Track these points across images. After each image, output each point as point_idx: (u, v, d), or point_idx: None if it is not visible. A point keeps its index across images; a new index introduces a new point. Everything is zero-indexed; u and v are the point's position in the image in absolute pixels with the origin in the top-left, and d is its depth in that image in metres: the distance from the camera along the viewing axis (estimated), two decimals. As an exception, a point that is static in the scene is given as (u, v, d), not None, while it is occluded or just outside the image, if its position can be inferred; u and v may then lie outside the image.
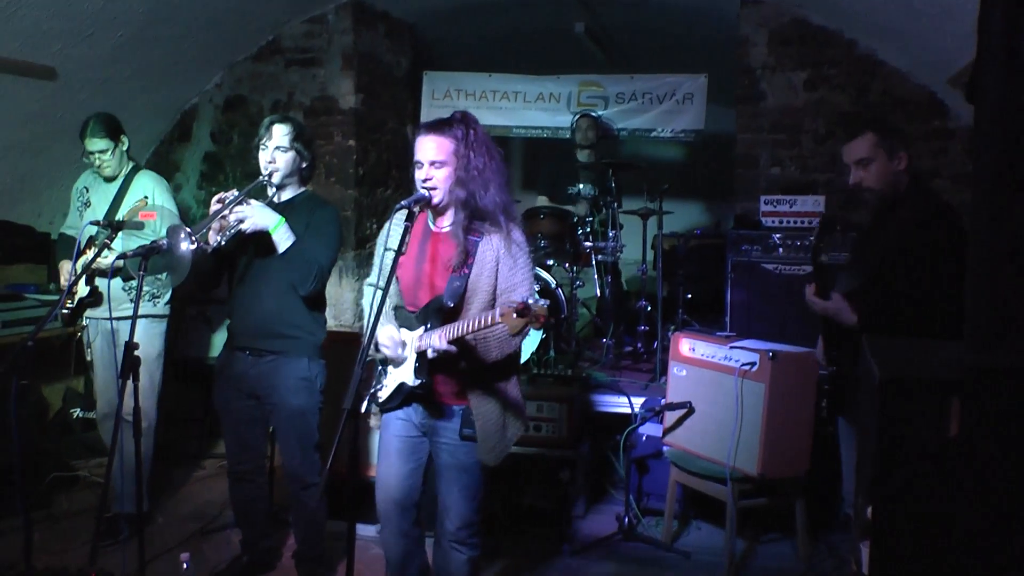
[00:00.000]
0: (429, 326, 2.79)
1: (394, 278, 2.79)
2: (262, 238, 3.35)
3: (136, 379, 2.94)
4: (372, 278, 3.13)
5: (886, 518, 1.83)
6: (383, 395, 2.96)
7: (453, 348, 2.68)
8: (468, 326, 2.63)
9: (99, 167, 4.20)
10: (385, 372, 2.99)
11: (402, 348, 2.87)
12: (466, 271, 2.81)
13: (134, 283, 4.17)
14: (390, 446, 3.01)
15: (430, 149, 2.79)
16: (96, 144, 4.14)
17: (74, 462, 5.13)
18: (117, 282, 4.13)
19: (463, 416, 2.88)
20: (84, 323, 4.35)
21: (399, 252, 2.71)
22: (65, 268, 4.29)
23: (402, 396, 2.93)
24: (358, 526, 2.65)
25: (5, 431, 2.79)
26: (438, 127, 2.83)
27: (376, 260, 3.11)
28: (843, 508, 3.61)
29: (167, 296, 4.37)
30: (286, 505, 3.97)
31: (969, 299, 1.69)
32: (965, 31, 4.30)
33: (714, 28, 6.60)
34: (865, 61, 5.59)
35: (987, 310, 1.66)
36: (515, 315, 2.41)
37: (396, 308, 3.00)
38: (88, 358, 4.43)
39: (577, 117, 6.55)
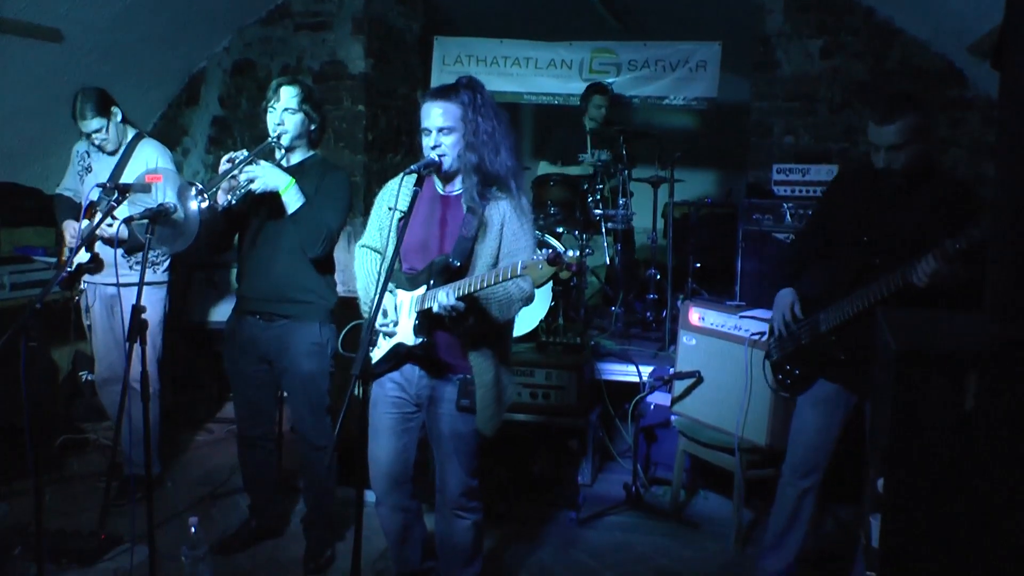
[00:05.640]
0: (432, 283, 2.78)
1: (393, 240, 2.77)
2: (272, 201, 3.33)
3: (144, 343, 2.92)
4: (366, 239, 3.11)
5: (898, 491, 1.81)
6: (375, 357, 2.94)
7: (461, 305, 2.67)
8: (479, 282, 2.62)
9: (99, 146, 4.14)
10: (376, 335, 2.97)
11: (393, 312, 2.87)
12: (474, 233, 2.80)
13: (137, 255, 4.16)
14: (381, 423, 3.00)
15: (438, 116, 2.77)
16: (90, 124, 4.05)
17: (83, 425, 5.16)
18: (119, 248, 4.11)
19: (460, 387, 2.89)
20: (82, 287, 4.33)
21: (407, 215, 2.70)
22: (68, 228, 4.26)
23: (398, 358, 2.92)
24: (367, 492, 2.64)
25: (15, 393, 2.78)
26: (444, 93, 2.80)
27: (372, 220, 3.09)
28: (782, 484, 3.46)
29: (166, 263, 4.35)
30: (295, 471, 3.98)
31: (991, 270, 1.66)
32: (987, -2, 4.23)
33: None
34: (883, 29, 5.50)
35: (1009, 282, 1.63)
36: (544, 264, 2.39)
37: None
38: (87, 323, 4.41)
39: (594, 93, 6.40)
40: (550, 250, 2.40)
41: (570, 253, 2.41)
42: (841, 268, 3.15)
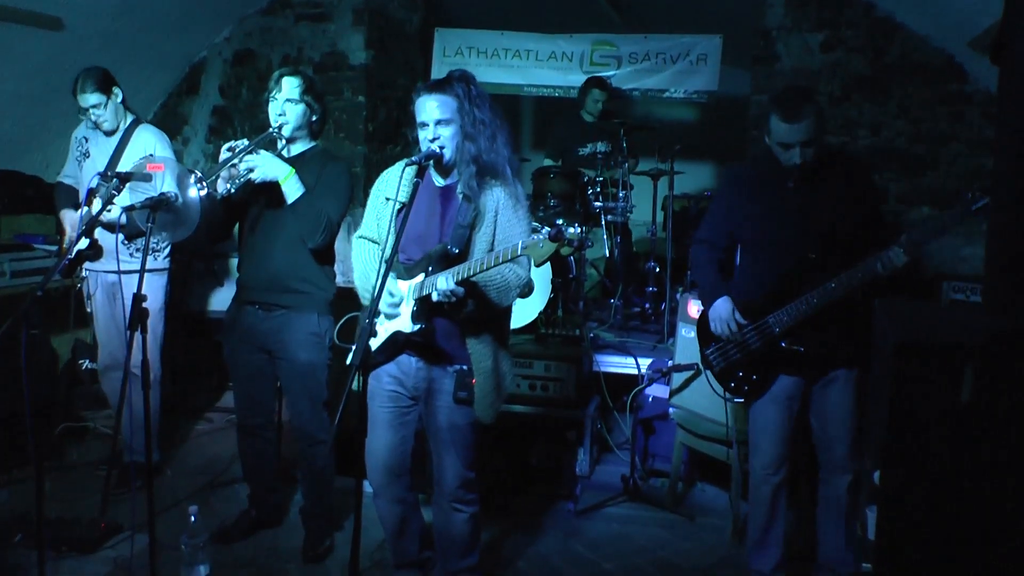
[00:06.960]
0: (431, 271, 2.80)
1: (393, 230, 2.78)
2: (272, 191, 3.33)
3: (144, 331, 2.93)
4: (364, 230, 3.12)
5: (894, 483, 1.83)
6: (372, 346, 2.94)
7: (460, 290, 2.69)
8: (478, 265, 2.64)
9: (96, 122, 4.15)
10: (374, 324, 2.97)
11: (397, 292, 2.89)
12: (471, 221, 2.83)
13: (137, 240, 4.16)
14: (378, 417, 3.02)
15: (434, 109, 2.79)
16: (88, 99, 4.07)
17: (83, 413, 5.17)
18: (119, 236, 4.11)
19: (457, 379, 2.90)
20: (83, 275, 4.34)
21: (408, 206, 2.71)
22: (66, 218, 4.26)
23: (396, 347, 2.93)
24: (366, 483, 2.66)
25: (16, 381, 2.79)
26: (439, 86, 2.83)
27: (369, 211, 3.09)
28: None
29: (166, 250, 4.37)
30: (294, 460, 3.99)
31: (988, 263, 1.67)
32: (988, -8, 4.22)
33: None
34: (883, 23, 5.49)
35: (1007, 274, 1.63)
36: (545, 242, 2.44)
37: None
38: (88, 310, 4.42)
39: (592, 87, 6.38)
40: (551, 228, 2.44)
41: (571, 230, 2.45)
42: (776, 269, 3.18)
